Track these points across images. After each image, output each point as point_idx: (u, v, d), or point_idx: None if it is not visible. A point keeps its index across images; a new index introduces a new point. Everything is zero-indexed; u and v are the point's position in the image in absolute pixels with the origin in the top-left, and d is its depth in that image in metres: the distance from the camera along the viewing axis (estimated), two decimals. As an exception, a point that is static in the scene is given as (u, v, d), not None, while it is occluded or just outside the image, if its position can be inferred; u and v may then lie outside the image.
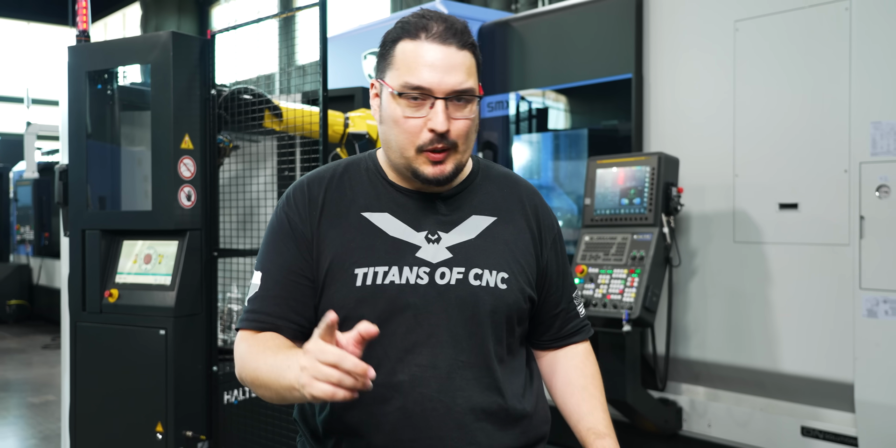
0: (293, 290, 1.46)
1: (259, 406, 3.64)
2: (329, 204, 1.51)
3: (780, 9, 3.67)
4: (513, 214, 1.58)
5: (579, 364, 1.65)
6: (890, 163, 3.28)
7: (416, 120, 1.41)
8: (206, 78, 3.45)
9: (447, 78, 1.39)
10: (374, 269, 1.45)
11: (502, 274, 1.50)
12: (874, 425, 3.35)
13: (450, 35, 1.41)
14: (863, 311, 3.35)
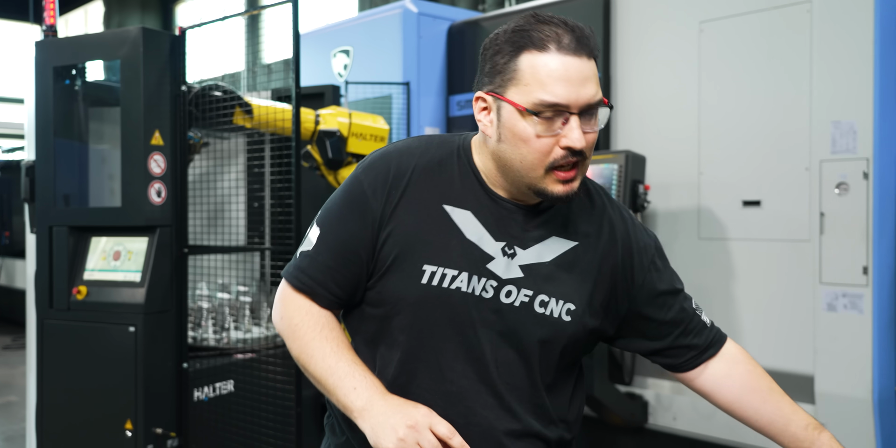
0: (340, 263, 1.42)
1: (230, 403, 3.64)
2: (413, 184, 1.42)
3: (743, 10, 3.76)
4: (597, 242, 1.48)
5: (748, 366, 1.56)
6: (849, 161, 3.37)
7: (550, 139, 1.31)
8: (176, 74, 3.44)
9: (583, 92, 1.30)
10: (443, 270, 1.39)
11: (569, 305, 1.43)
12: (833, 416, 3.44)
13: (582, 44, 1.31)
14: (823, 305, 3.44)
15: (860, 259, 3.34)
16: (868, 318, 3.32)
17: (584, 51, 1.30)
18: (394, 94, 4.89)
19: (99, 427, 3.35)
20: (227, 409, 3.60)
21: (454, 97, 5.04)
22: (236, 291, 4.28)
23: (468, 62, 4.97)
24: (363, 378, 1.35)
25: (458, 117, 5.03)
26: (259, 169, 4.68)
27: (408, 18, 4.90)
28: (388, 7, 5.07)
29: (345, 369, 1.36)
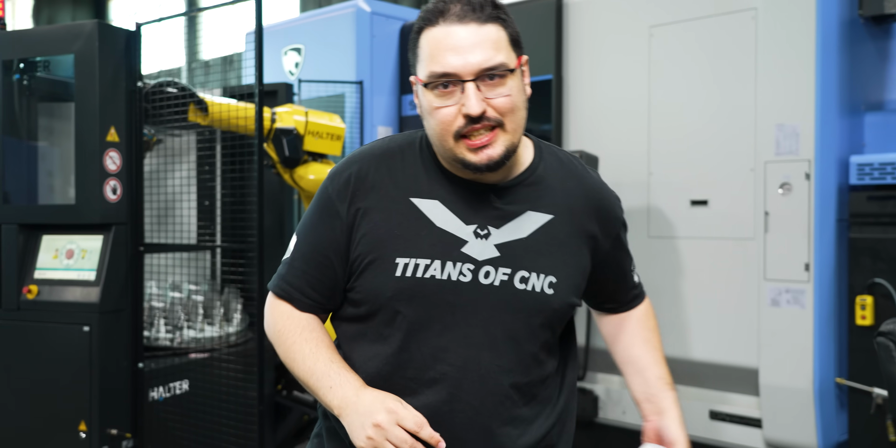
0: (314, 267, 1.47)
1: (186, 402, 3.60)
2: (378, 184, 1.44)
3: (691, 16, 3.88)
4: (572, 213, 1.49)
5: (642, 318, 1.70)
6: (792, 162, 3.52)
7: (450, 108, 1.34)
8: (131, 69, 3.39)
9: (471, 58, 1.31)
10: (416, 261, 1.40)
11: (550, 278, 1.44)
12: (776, 407, 3.59)
13: (467, 12, 1.33)
14: (767, 301, 3.58)
15: (802, 256, 3.49)
16: (810, 313, 3.47)
17: (474, 17, 1.33)
18: (346, 92, 4.90)
19: (52, 429, 3.29)
20: (183, 409, 3.57)
21: (407, 96, 5.07)
22: (188, 290, 4.24)
23: (420, 62, 5.00)
24: (338, 375, 1.39)
25: (411, 117, 5.07)
26: (209, 167, 4.64)
27: (361, 18, 4.92)
28: (341, 6, 5.08)
29: (322, 369, 1.41)
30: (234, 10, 3.53)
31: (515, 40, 1.40)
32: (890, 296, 3.34)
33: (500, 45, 1.35)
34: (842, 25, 3.53)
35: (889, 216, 3.39)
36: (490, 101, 1.34)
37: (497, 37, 1.35)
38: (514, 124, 1.38)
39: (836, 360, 3.52)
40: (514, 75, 1.37)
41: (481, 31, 1.34)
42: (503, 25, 1.37)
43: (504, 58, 1.35)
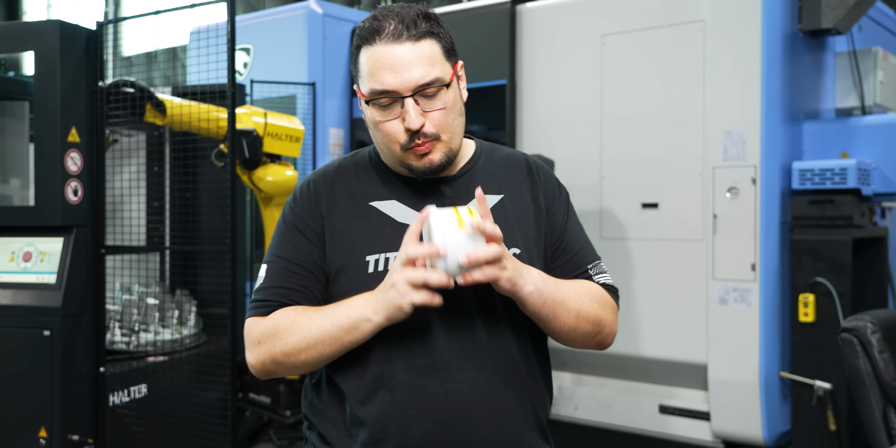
0: (294, 280, 1.51)
1: (145, 407, 3.56)
2: (335, 197, 1.54)
3: (642, 26, 4.03)
4: (519, 190, 1.59)
5: (587, 283, 1.58)
6: (739, 167, 3.71)
7: (392, 122, 1.44)
8: (92, 69, 3.33)
9: (408, 75, 1.40)
10: (384, 255, 1.48)
11: (513, 249, 1.51)
12: (724, 400, 3.77)
13: (402, 31, 1.41)
14: (715, 299, 3.76)
15: (749, 257, 3.68)
16: (756, 311, 3.66)
17: (409, 35, 1.41)
18: (298, 94, 4.90)
19: (10, 436, 3.21)
20: (143, 414, 3.52)
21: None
22: (139, 292, 4.18)
23: (372, 65, 5.03)
24: (346, 300, 1.44)
25: (362, 118, 5.09)
26: (158, 168, 4.58)
27: (313, 19, 4.92)
28: (292, 7, 5.07)
29: (332, 309, 1.44)
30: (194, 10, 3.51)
31: (450, 50, 1.49)
32: (830, 294, 3.55)
33: (435, 59, 1.44)
34: (784, 38, 3.74)
35: (828, 219, 3.61)
36: (428, 113, 1.44)
37: (431, 52, 1.44)
38: (450, 134, 1.48)
39: (780, 355, 3.72)
40: (451, 87, 1.47)
41: (416, 49, 1.42)
42: (437, 39, 1.46)
43: (439, 72, 1.44)
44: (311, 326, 1.44)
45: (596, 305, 1.54)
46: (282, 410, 4.27)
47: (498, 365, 1.49)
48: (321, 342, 1.43)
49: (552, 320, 1.48)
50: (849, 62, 4.12)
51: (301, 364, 1.48)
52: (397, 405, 1.46)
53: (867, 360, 2.16)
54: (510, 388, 1.50)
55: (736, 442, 3.80)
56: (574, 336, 1.53)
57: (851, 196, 3.58)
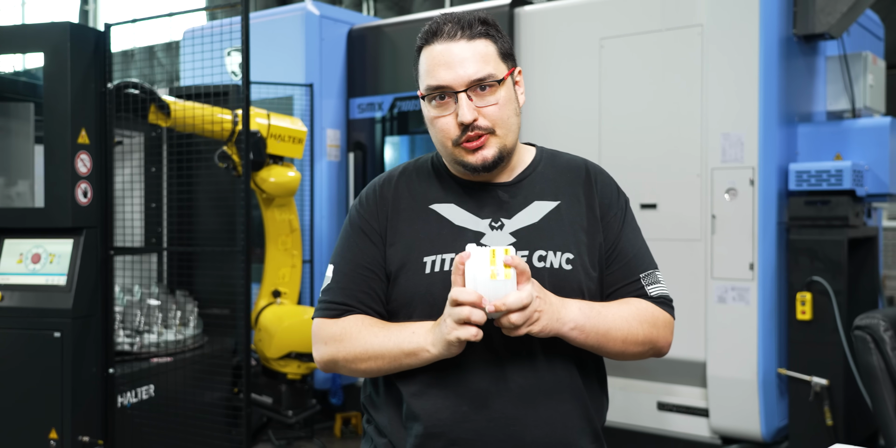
0: (360, 282, 1.56)
1: (153, 407, 3.57)
2: (399, 200, 1.60)
3: (640, 30, 4.10)
4: (576, 197, 1.61)
5: (638, 301, 1.58)
6: (737, 169, 3.79)
7: (447, 117, 1.50)
8: (101, 70, 3.33)
9: (461, 71, 1.47)
10: (441, 257, 1.53)
11: (567, 255, 1.54)
12: (722, 397, 3.85)
13: (457, 31, 1.49)
14: (714, 298, 3.84)
15: (747, 256, 3.76)
16: (754, 309, 3.75)
17: (462, 35, 1.48)
18: (295, 95, 4.91)
19: (21, 438, 3.20)
20: (151, 414, 3.53)
21: (354, 100, 5.12)
22: (140, 293, 4.17)
23: (368, 66, 5.07)
24: (411, 325, 1.50)
25: (359, 120, 5.12)
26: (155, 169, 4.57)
27: (310, 20, 4.94)
28: (289, 8, 5.08)
29: (397, 330, 1.51)
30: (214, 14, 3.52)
31: (506, 53, 1.55)
32: (827, 292, 3.65)
33: (489, 58, 1.50)
34: (780, 42, 3.82)
35: (825, 219, 3.70)
36: (481, 109, 1.49)
37: (486, 51, 1.50)
38: (505, 130, 1.52)
39: (778, 352, 3.82)
40: (504, 85, 1.51)
41: (470, 47, 1.49)
42: (492, 40, 1.52)
43: (492, 69, 1.50)
44: (375, 342, 1.51)
45: (645, 326, 1.55)
46: (284, 410, 4.29)
47: (552, 367, 1.52)
48: (381, 358, 1.50)
49: (598, 349, 1.53)
50: (839, 66, 4.23)
51: (360, 371, 1.55)
52: (450, 401, 1.51)
53: (880, 357, 2.23)
54: (564, 390, 1.53)
55: (734, 438, 3.88)
56: (624, 357, 1.57)
57: (847, 197, 3.68)
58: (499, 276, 1.36)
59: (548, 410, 1.51)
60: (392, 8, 10.94)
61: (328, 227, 5.05)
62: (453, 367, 1.51)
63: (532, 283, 1.39)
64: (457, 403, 1.50)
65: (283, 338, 4.13)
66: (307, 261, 4.80)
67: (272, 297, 4.33)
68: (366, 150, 5.09)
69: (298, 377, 4.30)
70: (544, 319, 1.41)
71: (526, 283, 1.38)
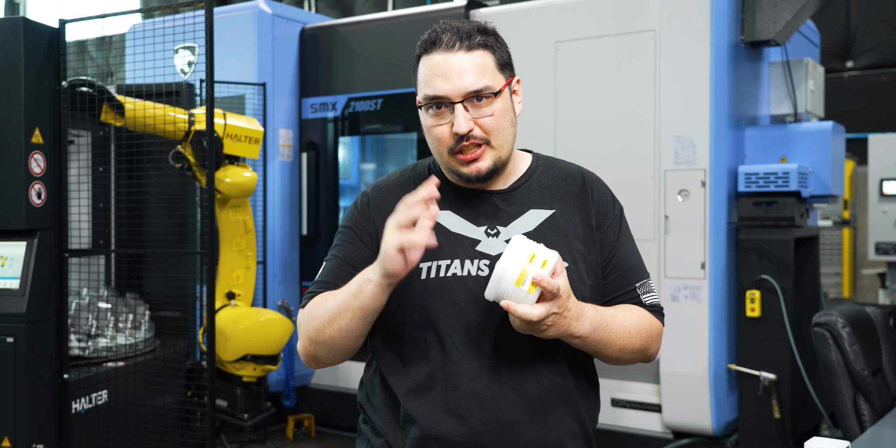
0: (344, 277, 1.55)
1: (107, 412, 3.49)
2: (393, 205, 1.55)
3: (595, 34, 4.18)
4: (571, 206, 1.62)
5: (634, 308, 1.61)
6: (689, 171, 3.90)
7: (443, 127, 1.52)
8: (55, 68, 3.24)
9: (458, 82, 1.48)
10: (437, 263, 1.54)
11: (563, 264, 1.51)
12: (675, 393, 3.96)
13: (455, 41, 1.50)
14: (667, 296, 3.94)
15: (698, 256, 3.88)
16: (706, 307, 3.86)
17: (460, 45, 1.50)
18: (248, 94, 4.85)
19: (-28, 447, 3.10)
20: (106, 420, 3.45)
21: (307, 100, 5.09)
22: (89, 297, 4.07)
23: (321, 66, 5.04)
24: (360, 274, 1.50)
25: (311, 120, 5.09)
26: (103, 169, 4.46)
27: (262, 19, 4.88)
28: (241, 6, 5.01)
29: (346, 287, 1.51)
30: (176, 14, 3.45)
31: (504, 64, 1.57)
32: (774, 290, 3.78)
33: (486, 69, 1.52)
34: (729, 48, 3.95)
35: (772, 220, 3.83)
36: (477, 120, 1.51)
37: (483, 62, 1.52)
38: (500, 141, 1.55)
39: (728, 349, 3.94)
40: (501, 97, 1.53)
41: (468, 58, 1.51)
42: (490, 51, 1.54)
43: (489, 81, 1.51)
44: (331, 300, 1.52)
45: (643, 335, 1.58)
46: (239, 414, 4.24)
47: (545, 370, 1.55)
48: (338, 313, 1.49)
49: (594, 353, 1.56)
50: (783, 72, 4.38)
51: (329, 340, 1.51)
52: (447, 404, 1.52)
53: (839, 352, 2.34)
54: (557, 394, 1.55)
55: (686, 432, 3.99)
56: (617, 363, 1.61)
57: (793, 198, 3.82)
58: (524, 286, 1.37)
59: (541, 414, 1.54)
60: (334, 6, 10.86)
61: (281, 227, 5.01)
62: (447, 370, 1.53)
63: (553, 303, 1.39)
64: (452, 407, 1.52)
65: (239, 340, 4.08)
66: (260, 262, 4.75)
67: (226, 298, 4.27)
68: (319, 151, 5.06)
69: (254, 380, 4.26)
70: (551, 332, 1.43)
71: (546, 303, 1.39)
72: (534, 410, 1.53)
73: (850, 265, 7.36)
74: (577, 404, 1.58)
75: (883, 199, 5.77)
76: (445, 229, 1.58)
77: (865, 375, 2.35)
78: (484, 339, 1.53)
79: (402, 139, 5.07)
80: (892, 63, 7.84)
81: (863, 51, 7.96)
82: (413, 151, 4.86)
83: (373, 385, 1.64)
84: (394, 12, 4.94)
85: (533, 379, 1.54)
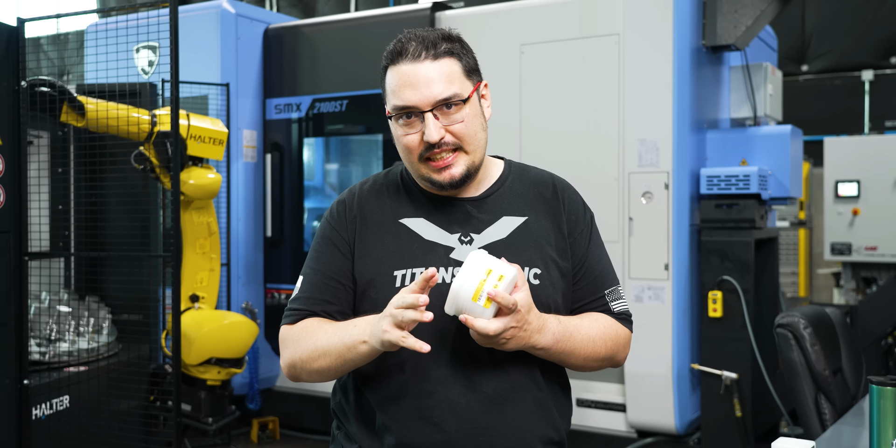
0: (325, 291, 1.58)
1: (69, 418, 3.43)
2: (368, 214, 1.62)
3: (559, 37, 4.21)
4: (543, 212, 1.64)
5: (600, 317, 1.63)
6: (653, 173, 3.95)
7: (413, 136, 1.53)
8: (14, 68, 3.18)
9: (426, 91, 1.50)
10: (411, 271, 1.55)
11: (535, 270, 1.57)
12: (639, 392, 4.01)
13: (421, 51, 1.51)
14: (631, 297, 3.99)
15: (662, 257, 3.93)
16: (669, 307, 3.91)
17: (426, 54, 1.51)
18: (211, 94, 4.80)
19: (-72, 456, 3.02)
20: (67, 426, 3.39)
21: (271, 100, 5.05)
22: (48, 300, 4.00)
23: (286, 66, 5.00)
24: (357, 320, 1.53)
25: (276, 120, 5.05)
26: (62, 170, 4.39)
27: (226, 18, 4.83)
28: (203, 6, 4.96)
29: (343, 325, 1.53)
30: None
31: (470, 69, 1.58)
32: (736, 291, 3.85)
33: (454, 77, 1.54)
34: (691, 52, 4.01)
35: (734, 221, 3.90)
36: (448, 127, 1.53)
37: (450, 70, 1.53)
38: (473, 146, 1.57)
39: (691, 348, 4.00)
40: (470, 102, 1.55)
41: (435, 67, 1.52)
42: (457, 59, 1.56)
43: (457, 88, 1.53)
44: (324, 338, 1.53)
45: (609, 343, 1.59)
46: (203, 417, 4.19)
47: (519, 377, 1.55)
48: (328, 355, 1.52)
49: (559, 363, 1.58)
50: (742, 76, 4.45)
51: (315, 372, 1.56)
52: (421, 412, 1.53)
53: (801, 353, 2.39)
54: (530, 400, 1.56)
55: (650, 431, 4.05)
56: (583, 370, 1.63)
57: (753, 200, 3.89)
58: (480, 300, 1.39)
59: (514, 419, 1.55)
60: (296, 5, 10.79)
61: (245, 229, 4.96)
62: (421, 377, 1.54)
63: (512, 317, 1.41)
64: (426, 414, 1.53)
65: (203, 343, 4.03)
66: (224, 264, 4.70)
67: (190, 301, 4.22)
68: (283, 152, 5.03)
69: (218, 383, 4.21)
70: (511, 344, 1.45)
71: (504, 317, 1.40)
72: (508, 416, 1.54)
73: (806, 265, 7.52)
74: (551, 410, 1.59)
75: (838, 201, 5.90)
76: (419, 237, 1.60)
77: (826, 375, 2.41)
78: (458, 346, 1.54)
79: (366, 140, 5.06)
80: (846, 67, 8.03)
81: (817, 55, 8.13)
82: (378, 152, 4.85)
83: (346, 392, 1.64)
84: (359, 13, 4.93)
85: (507, 385, 1.54)
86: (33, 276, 3.88)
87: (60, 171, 4.39)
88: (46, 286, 4.04)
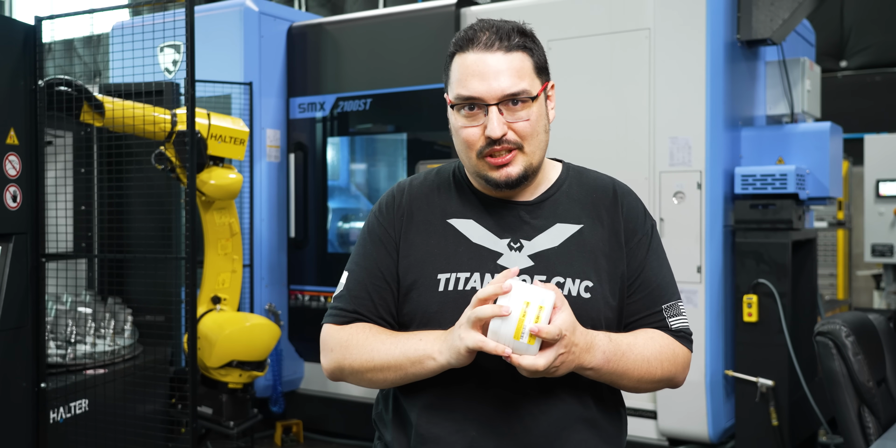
0: (373, 291, 1.52)
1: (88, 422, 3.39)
2: (416, 211, 1.55)
3: (588, 33, 4.09)
4: (600, 220, 1.54)
5: (656, 334, 1.52)
6: (685, 172, 3.81)
7: (474, 129, 1.45)
8: (32, 67, 3.14)
9: (495, 84, 1.42)
10: (455, 275, 1.48)
11: (586, 283, 1.48)
12: (670, 399, 3.87)
13: (494, 41, 1.43)
14: (662, 301, 3.85)
15: (694, 259, 3.79)
16: (702, 311, 3.78)
17: (500, 46, 1.43)
18: (234, 93, 4.75)
19: (-56, 460, 2.99)
20: (85, 430, 3.35)
21: (295, 99, 4.99)
22: (70, 302, 3.97)
23: (309, 65, 4.94)
24: (420, 333, 1.46)
25: (299, 120, 4.98)
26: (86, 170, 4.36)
27: (249, 17, 4.78)
28: (226, 4, 4.91)
29: (404, 338, 1.46)
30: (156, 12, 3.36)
31: (541, 68, 1.50)
32: (772, 294, 3.70)
33: (524, 72, 1.45)
34: (725, 47, 3.86)
35: (769, 222, 3.75)
36: (511, 124, 1.44)
37: (521, 65, 1.45)
38: (533, 147, 1.47)
39: (724, 354, 3.86)
40: (537, 101, 1.46)
41: (507, 59, 1.43)
42: (529, 54, 1.47)
43: (527, 85, 1.44)
44: (381, 350, 1.46)
45: (665, 364, 1.50)
46: (225, 421, 4.14)
47: (566, 394, 1.47)
48: (387, 367, 1.45)
49: (611, 384, 1.49)
50: (779, 71, 4.30)
51: (367, 381, 1.50)
52: (458, 425, 1.46)
53: (842, 363, 2.25)
54: (576, 419, 1.48)
55: (682, 439, 3.91)
56: (637, 391, 1.53)
57: (790, 200, 3.73)
58: (523, 338, 1.30)
59: (559, 440, 1.46)
60: (324, 4, 10.76)
61: (268, 230, 4.90)
62: (460, 390, 1.46)
63: (558, 344, 1.31)
64: (465, 428, 1.46)
65: (225, 346, 3.97)
66: (247, 265, 4.64)
67: (212, 303, 4.16)
68: (307, 151, 4.96)
69: (240, 386, 4.15)
70: (562, 370, 1.36)
71: (551, 349, 1.31)
72: (550, 435, 1.45)
73: (845, 266, 7.30)
74: (600, 430, 1.50)
75: (879, 201, 5.70)
76: (467, 239, 1.51)
77: (870, 386, 2.27)
78: (497, 359, 1.42)
79: (391, 139, 4.97)
80: (886, 63, 7.79)
81: (857, 50, 7.90)
82: (403, 152, 4.76)
83: (387, 402, 1.58)
84: (383, 10, 4.85)
85: (551, 402, 1.46)
86: (54, 278, 3.86)
87: (83, 171, 4.36)
88: (69, 288, 4.02)
